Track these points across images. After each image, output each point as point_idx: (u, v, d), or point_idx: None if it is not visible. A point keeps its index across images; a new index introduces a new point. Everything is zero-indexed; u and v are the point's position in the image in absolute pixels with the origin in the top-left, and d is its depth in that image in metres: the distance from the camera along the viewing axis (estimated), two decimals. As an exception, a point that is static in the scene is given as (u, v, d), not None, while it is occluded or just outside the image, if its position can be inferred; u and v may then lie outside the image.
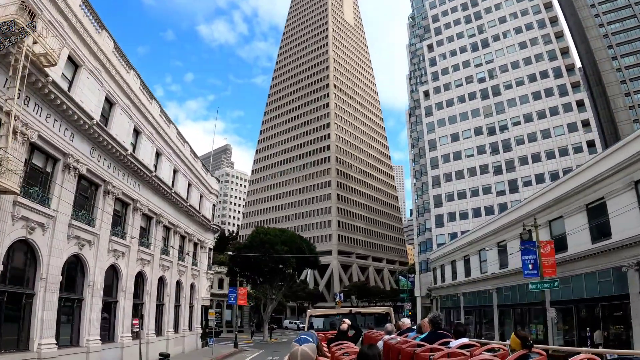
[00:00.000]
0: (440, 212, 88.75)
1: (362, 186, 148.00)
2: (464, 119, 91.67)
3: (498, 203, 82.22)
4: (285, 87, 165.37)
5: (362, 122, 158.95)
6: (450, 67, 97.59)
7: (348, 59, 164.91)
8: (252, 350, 47.73)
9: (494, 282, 41.82)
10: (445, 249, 58.23)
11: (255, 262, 55.41)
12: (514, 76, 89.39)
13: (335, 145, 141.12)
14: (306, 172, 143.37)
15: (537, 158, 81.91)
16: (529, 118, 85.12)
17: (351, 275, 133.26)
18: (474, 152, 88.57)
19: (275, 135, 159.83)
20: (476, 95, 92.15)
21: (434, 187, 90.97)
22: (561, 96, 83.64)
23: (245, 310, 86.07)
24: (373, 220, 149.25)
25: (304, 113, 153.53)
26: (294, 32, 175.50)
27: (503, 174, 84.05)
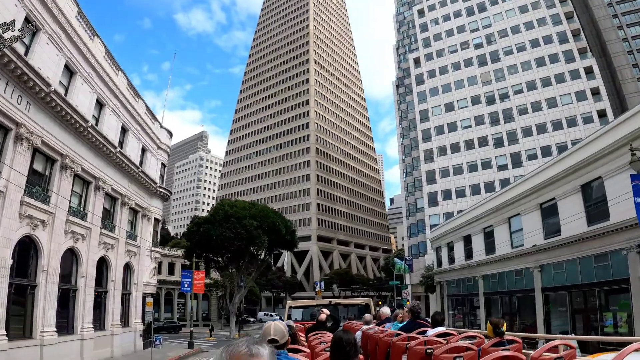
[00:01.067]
0: (433, 189, 77.48)
1: (344, 167, 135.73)
2: (460, 87, 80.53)
3: (499, 179, 71.43)
4: (263, 64, 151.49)
5: (343, 101, 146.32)
6: (443, 32, 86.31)
7: (330, 35, 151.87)
8: (213, 351, 35.47)
9: (535, 258, 30.35)
10: (455, 222, 46.72)
11: (219, 240, 43.27)
12: (515, 41, 78.76)
13: (315, 123, 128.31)
14: (284, 151, 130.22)
15: (542, 129, 71.44)
16: (532, 86, 74.60)
17: (332, 262, 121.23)
18: (471, 123, 77.53)
19: (252, 114, 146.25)
20: (473, 61, 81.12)
21: (426, 162, 79.59)
22: (567, 62, 73.32)
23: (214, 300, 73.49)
24: (355, 204, 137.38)
25: (283, 90, 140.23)
26: (273, 7, 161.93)
27: (505, 147, 73.27)
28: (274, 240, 48.89)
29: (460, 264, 43.42)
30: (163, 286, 62.48)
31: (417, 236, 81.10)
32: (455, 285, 45.94)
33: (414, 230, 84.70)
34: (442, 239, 49.91)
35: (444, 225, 51.55)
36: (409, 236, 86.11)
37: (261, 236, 44.32)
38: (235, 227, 43.17)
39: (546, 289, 30.28)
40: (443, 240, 49.45)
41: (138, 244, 34.08)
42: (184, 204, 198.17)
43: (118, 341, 29.86)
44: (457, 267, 43.85)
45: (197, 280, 38.92)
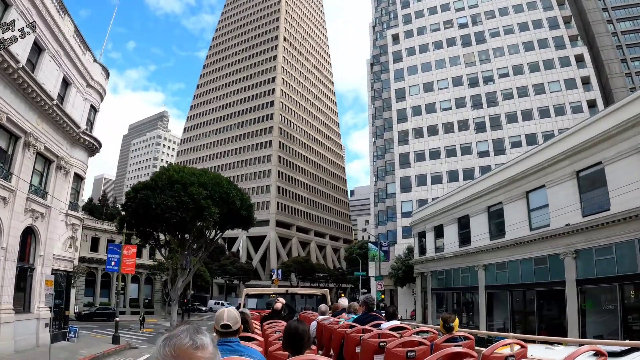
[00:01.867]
0: (407, 173, 70.45)
1: (307, 151, 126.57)
2: (440, 67, 73.68)
3: (480, 165, 65.24)
4: (230, 39, 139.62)
5: (311, 82, 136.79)
6: (426, 9, 79.20)
7: (301, 17, 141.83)
8: (143, 348, 26.51)
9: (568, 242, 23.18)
10: (447, 201, 39.11)
11: (159, 210, 34.47)
12: (502, 23, 72.68)
13: (280, 101, 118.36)
14: (245, 130, 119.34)
15: (528, 116, 65.73)
16: (519, 70, 68.76)
17: (290, 250, 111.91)
18: (451, 105, 70.88)
19: (214, 90, 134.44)
20: (456, 41, 74.46)
21: (400, 144, 72.42)
22: (557, 49, 67.88)
23: (158, 285, 63.56)
24: (317, 190, 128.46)
25: (248, 66, 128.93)
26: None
27: (487, 132, 67.10)
28: (226, 215, 39.89)
29: (453, 251, 35.79)
30: (99, 266, 52.39)
31: (387, 224, 74.12)
32: (444, 277, 38.27)
33: (383, 218, 77.73)
34: (427, 221, 41.91)
35: (431, 206, 43.65)
36: (377, 224, 79.00)
37: (211, 208, 35.77)
38: (180, 195, 34.61)
39: (583, 281, 23.23)
40: (429, 223, 41.48)
41: (48, 203, 24.55)
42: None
43: (9, 332, 20.59)
44: (449, 255, 36.22)
45: (126, 257, 29.73)
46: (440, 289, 39.76)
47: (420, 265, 43.46)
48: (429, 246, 41.60)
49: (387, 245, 49.94)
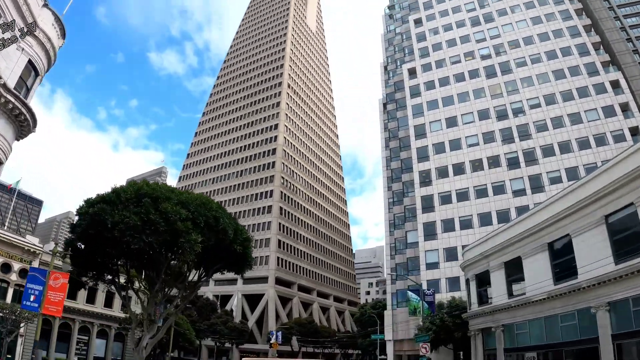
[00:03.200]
0: (430, 219, 63.75)
1: (310, 204, 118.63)
2: (464, 100, 69.11)
3: (516, 206, 58.72)
4: (232, 86, 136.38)
5: (315, 132, 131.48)
6: (444, 42, 76.08)
7: (306, 64, 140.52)
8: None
9: None
10: (523, 225, 28.92)
11: (117, 232, 25.14)
12: (528, 52, 69.14)
13: (283, 149, 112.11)
14: (245, 179, 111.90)
15: (566, 148, 60.15)
16: (551, 100, 64.25)
17: (291, 311, 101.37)
18: (478, 140, 65.48)
19: (213, 137, 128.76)
20: (479, 73, 70.54)
21: (422, 186, 66.60)
22: (590, 76, 63.75)
23: (131, 342, 54.46)
24: (320, 246, 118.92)
25: (250, 113, 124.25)
26: (249, 30, 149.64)
27: (521, 168, 61.20)
28: (214, 249, 30.63)
29: (546, 291, 25.37)
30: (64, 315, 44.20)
31: (406, 279, 66.75)
32: (528, 331, 27.69)
33: (401, 271, 70.43)
34: (492, 257, 31.81)
35: (497, 236, 32.88)
36: (394, 279, 71.38)
37: (191, 233, 26.58)
38: (149, 211, 25.86)
39: None
40: (495, 259, 31.51)
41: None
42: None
43: None
44: (538, 298, 25.88)
45: (53, 290, 21.70)
46: (523, 349, 28.26)
47: (480, 320, 32.92)
48: (496, 290, 31.40)
49: (432, 294, 40.86)
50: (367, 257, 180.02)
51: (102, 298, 48.45)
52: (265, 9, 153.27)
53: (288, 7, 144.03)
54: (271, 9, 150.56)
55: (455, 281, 57.24)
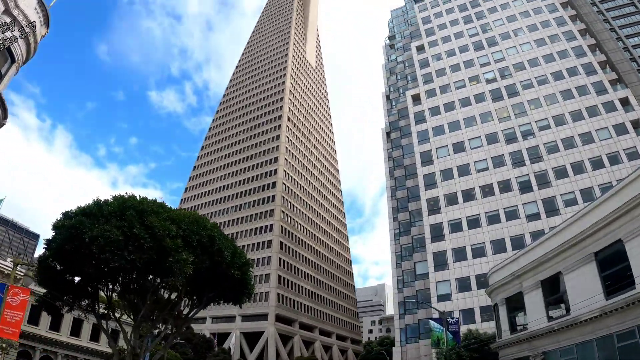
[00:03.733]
0: (441, 248, 61.60)
1: (311, 239, 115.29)
2: (470, 124, 68.19)
3: (530, 231, 56.74)
4: (231, 120, 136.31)
5: (315, 167, 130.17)
6: (447, 67, 75.95)
7: (306, 98, 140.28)
8: None
9: None
10: (563, 236, 25.76)
11: (95, 248, 22.72)
12: (534, 74, 68.73)
13: (283, 183, 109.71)
14: (244, 213, 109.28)
15: (579, 169, 58.66)
16: (560, 121, 63.15)
17: (292, 349, 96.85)
18: (488, 165, 64.11)
19: (211, 171, 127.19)
20: (485, 96, 69.95)
21: (430, 214, 64.92)
22: (599, 94, 62.99)
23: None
24: (322, 283, 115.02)
25: (250, 146, 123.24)
26: (249, 65, 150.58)
27: (534, 192, 59.47)
28: (209, 273, 27.93)
29: (598, 307, 22.26)
30: (38, 345, 39.22)
31: (417, 312, 64.15)
32: (574, 357, 23.79)
33: (410, 306, 67.81)
34: (525, 276, 28.35)
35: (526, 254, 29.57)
36: (403, 314, 68.62)
37: (181, 252, 24.10)
38: (132, 225, 23.31)
39: None
40: (529, 278, 27.97)
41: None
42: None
43: None
44: (587, 317, 22.63)
45: (11, 308, 18.87)
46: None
47: (514, 349, 29.04)
48: (532, 314, 27.84)
49: (456, 323, 37.58)
50: (368, 296, 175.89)
51: (88, 330, 44.72)
52: (265, 44, 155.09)
53: (288, 42, 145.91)
54: (271, 44, 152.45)
55: (470, 313, 54.61)
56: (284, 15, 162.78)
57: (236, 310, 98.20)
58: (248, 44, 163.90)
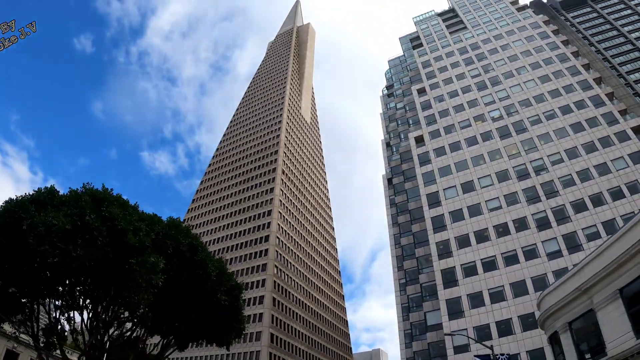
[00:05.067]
0: (454, 294, 58.51)
1: (306, 296, 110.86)
2: (478, 163, 67.27)
3: (553, 270, 54.54)
4: (224, 172, 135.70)
5: (309, 222, 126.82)
6: (451, 108, 76.23)
7: (301, 152, 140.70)
8: None
9: None
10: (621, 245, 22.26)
11: (34, 240, 18.54)
12: (542, 110, 68.82)
13: (277, 237, 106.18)
14: (236, 267, 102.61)
15: (598, 201, 57.35)
16: (573, 154, 62.37)
17: None
18: (500, 203, 62.40)
19: (203, 224, 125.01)
20: (492, 134, 69.52)
21: (441, 258, 62.80)
22: (610, 125, 62.90)
23: None
24: (318, 344, 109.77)
25: (243, 199, 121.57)
26: (244, 118, 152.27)
27: (553, 228, 57.39)
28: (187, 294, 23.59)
29: None
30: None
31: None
32: None
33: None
34: (594, 290, 24.12)
35: (592, 262, 30.27)
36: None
37: (149, 253, 20.49)
38: (85, 213, 19.43)
39: None
40: (599, 291, 23.63)
41: None
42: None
43: None
44: None
45: None
46: None
47: None
48: (611, 332, 22.97)
49: None
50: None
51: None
52: (261, 99, 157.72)
53: (283, 97, 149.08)
54: (266, 99, 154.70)
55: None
56: (279, 72, 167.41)
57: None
58: (243, 99, 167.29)
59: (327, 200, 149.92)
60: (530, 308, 51.39)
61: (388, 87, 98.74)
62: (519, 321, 50.68)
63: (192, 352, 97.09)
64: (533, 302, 51.81)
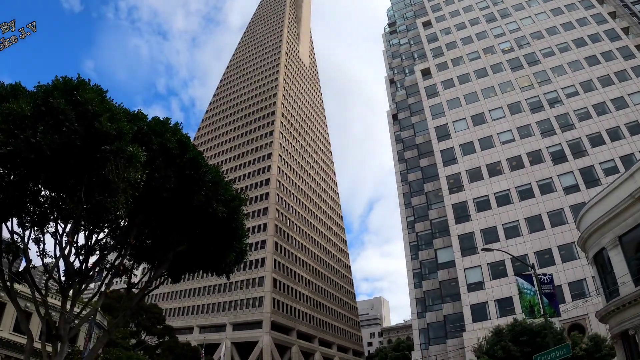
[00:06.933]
0: (467, 229, 55.80)
1: (308, 241, 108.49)
2: (489, 95, 63.65)
3: (570, 204, 52.42)
4: (222, 118, 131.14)
5: (311, 166, 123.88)
6: (458, 40, 71.46)
7: (300, 96, 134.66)
8: None
9: None
10: None
11: None
12: (554, 42, 64.78)
13: (277, 180, 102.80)
14: None
15: (615, 135, 54.99)
16: (589, 87, 59.05)
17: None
18: (513, 136, 59.29)
19: None
20: (503, 66, 65.62)
21: (452, 193, 60.02)
22: (626, 59, 59.56)
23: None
24: (321, 289, 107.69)
25: (242, 144, 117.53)
26: (241, 64, 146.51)
27: (569, 162, 54.85)
28: (175, 203, 19.70)
29: None
30: None
31: (442, 307, 58.29)
32: None
33: (431, 301, 61.86)
34: None
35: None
36: (422, 312, 62.70)
37: (127, 141, 16.56)
38: (49, 95, 15.98)
39: None
40: None
41: None
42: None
43: None
44: None
45: None
46: None
47: None
48: None
49: (550, 282, 25.41)
50: (364, 310, 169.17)
51: (10, 318, 33.32)
52: (258, 44, 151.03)
53: (280, 41, 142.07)
54: (263, 44, 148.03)
55: (507, 303, 48.45)
56: (276, 16, 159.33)
57: (227, 317, 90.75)
58: (239, 46, 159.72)
59: (327, 144, 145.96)
60: (547, 244, 49.33)
61: (390, 24, 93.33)
62: (535, 257, 48.50)
63: (190, 284, 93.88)
64: (550, 238, 49.89)
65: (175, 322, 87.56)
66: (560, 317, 29.99)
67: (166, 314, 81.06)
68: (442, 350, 53.80)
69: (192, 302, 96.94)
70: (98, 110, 16.02)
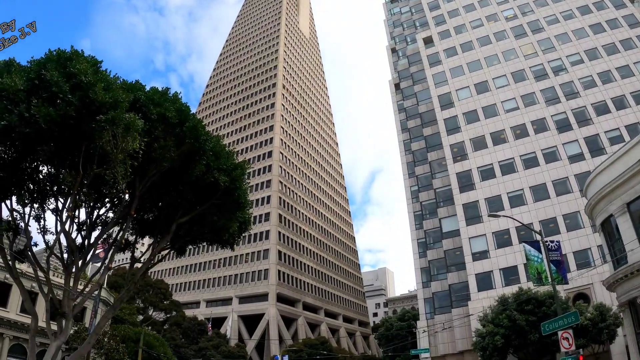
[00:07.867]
0: (471, 198, 54.87)
1: (312, 212, 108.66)
2: (492, 63, 62.16)
3: (575, 173, 51.44)
4: (223, 92, 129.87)
5: (313, 138, 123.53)
6: (460, 8, 69.46)
7: (301, 67, 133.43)
8: None
9: None
10: None
11: None
12: (558, 10, 62.90)
13: (280, 152, 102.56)
14: None
15: (621, 103, 53.58)
16: (593, 55, 57.52)
17: (296, 332, 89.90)
18: (517, 104, 58.04)
19: None
20: (506, 34, 63.92)
21: (455, 161, 58.90)
22: (632, 27, 57.96)
23: None
24: (326, 260, 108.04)
25: (244, 117, 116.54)
26: (240, 36, 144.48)
27: (574, 130, 53.79)
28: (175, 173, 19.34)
29: None
30: None
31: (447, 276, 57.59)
32: None
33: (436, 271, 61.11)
34: None
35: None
36: (427, 282, 61.92)
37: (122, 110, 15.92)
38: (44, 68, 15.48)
39: None
40: None
41: None
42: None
43: None
44: None
45: None
46: None
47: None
48: None
49: (557, 249, 24.40)
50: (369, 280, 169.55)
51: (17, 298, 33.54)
52: (257, 16, 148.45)
53: (280, 13, 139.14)
54: (263, 16, 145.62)
55: (512, 272, 48.15)
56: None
57: (233, 291, 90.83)
58: (237, 18, 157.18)
59: (330, 115, 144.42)
60: (552, 212, 48.69)
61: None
62: (540, 226, 47.58)
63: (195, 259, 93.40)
64: (555, 207, 49.19)
65: (182, 297, 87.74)
66: (568, 284, 29.09)
67: (172, 290, 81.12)
68: (447, 320, 53.47)
69: (198, 276, 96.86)
70: (92, 80, 15.59)
